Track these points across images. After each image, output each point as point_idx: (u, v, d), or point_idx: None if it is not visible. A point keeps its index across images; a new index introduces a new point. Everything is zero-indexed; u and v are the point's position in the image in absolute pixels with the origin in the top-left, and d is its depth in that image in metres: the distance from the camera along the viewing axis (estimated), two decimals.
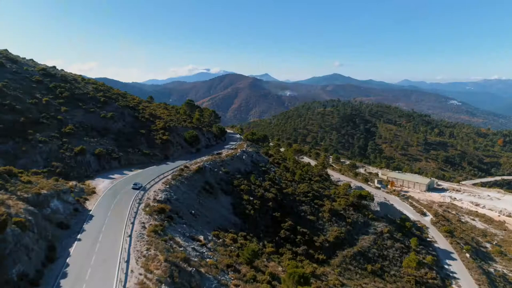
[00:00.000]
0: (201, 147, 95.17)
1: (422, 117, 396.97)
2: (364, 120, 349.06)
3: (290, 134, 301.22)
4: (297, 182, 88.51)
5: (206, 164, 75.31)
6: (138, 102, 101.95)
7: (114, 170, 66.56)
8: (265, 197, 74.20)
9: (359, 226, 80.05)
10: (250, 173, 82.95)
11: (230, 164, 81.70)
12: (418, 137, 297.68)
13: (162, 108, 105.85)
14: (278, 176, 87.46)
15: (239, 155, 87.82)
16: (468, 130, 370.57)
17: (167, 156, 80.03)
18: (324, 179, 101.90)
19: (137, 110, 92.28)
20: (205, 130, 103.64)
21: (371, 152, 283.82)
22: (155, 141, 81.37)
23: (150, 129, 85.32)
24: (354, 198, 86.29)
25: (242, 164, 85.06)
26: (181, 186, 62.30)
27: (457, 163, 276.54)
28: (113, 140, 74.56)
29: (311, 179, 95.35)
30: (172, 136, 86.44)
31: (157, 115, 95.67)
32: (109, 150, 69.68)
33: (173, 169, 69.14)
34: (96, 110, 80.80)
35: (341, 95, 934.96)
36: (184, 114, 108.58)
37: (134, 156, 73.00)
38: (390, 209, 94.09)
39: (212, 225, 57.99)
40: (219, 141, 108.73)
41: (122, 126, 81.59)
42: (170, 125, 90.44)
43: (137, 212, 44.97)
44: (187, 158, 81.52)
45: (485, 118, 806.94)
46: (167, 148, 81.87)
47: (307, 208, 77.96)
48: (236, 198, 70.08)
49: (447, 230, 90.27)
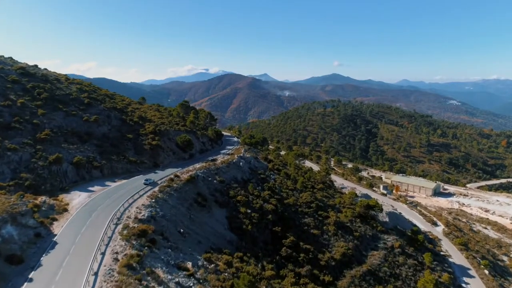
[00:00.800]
0: (195, 152, 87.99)
1: (424, 117, 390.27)
2: (365, 121, 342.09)
3: (289, 135, 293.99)
4: (299, 191, 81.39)
5: (199, 172, 68.15)
6: (127, 103, 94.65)
7: (94, 181, 59.29)
8: (264, 209, 67.08)
9: (368, 240, 72.97)
10: (247, 181, 75.83)
11: (225, 172, 74.56)
12: (421, 139, 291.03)
13: (153, 110, 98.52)
14: (278, 184, 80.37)
15: (236, 161, 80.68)
16: (470, 131, 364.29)
17: (157, 163, 72.79)
18: (327, 186, 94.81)
19: (125, 113, 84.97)
20: (200, 133, 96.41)
21: (372, 154, 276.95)
22: (143, 146, 74.09)
23: (139, 134, 78.08)
24: (361, 208, 79.22)
25: (239, 172, 77.90)
26: (170, 200, 55.14)
27: (461, 165, 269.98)
28: (96, 146, 67.23)
29: (314, 187, 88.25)
30: (163, 141, 79.21)
31: (147, 117, 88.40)
32: (90, 158, 62.39)
33: (161, 179, 62.09)
34: (79, 112, 73.40)
35: (340, 95, 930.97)
36: (178, 117, 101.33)
37: (118, 164, 65.69)
38: (400, 219, 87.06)
39: (204, 245, 50.88)
40: (215, 145, 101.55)
41: (107, 131, 74.28)
42: (161, 128, 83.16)
43: (111, 237, 37.78)
44: (178, 166, 74.38)
45: (484, 118, 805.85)
46: (157, 155, 74.64)
47: (311, 220, 70.86)
48: (232, 211, 62.94)
49: (461, 242, 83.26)
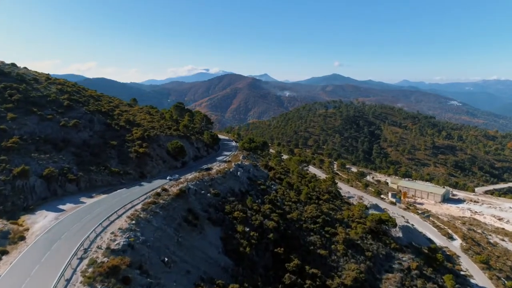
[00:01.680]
0: (188, 159, 79.88)
1: (428, 119, 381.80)
2: (368, 122, 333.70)
3: (290, 137, 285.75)
4: (303, 203, 73.30)
5: (191, 184, 60.00)
6: (115, 105, 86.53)
7: (68, 197, 51.18)
8: (264, 227, 59.02)
9: (381, 260, 64.85)
10: (246, 193, 67.72)
11: (221, 183, 66.41)
12: (426, 141, 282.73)
13: (144, 113, 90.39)
14: (280, 196, 72.24)
15: (233, 170, 72.53)
16: (475, 133, 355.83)
17: (143, 174, 64.63)
18: (334, 196, 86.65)
19: (110, 116, 76.82)
20: (194, 138, 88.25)
21: (376, 156, 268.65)
22: (129, 155, 65.94)
23: (125, 140, 69.90)
24: (372, 223, 71.18)
25: (237, 183, 69.75)
26: (154, 220, 46.93)
27: (467, 168, 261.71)
28: (73, 155, 59.07)
29: (319, 198, 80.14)
30: (152, 148, 71.05)
31: (135, 121, 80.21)
32: (65, 169, 54.25)
33: (146, 194, 53.88)
34: (56, 116, 65.21)
35: (340, 95, 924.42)
36: (171, 120, 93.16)
37: (98, 176, 57.50)
38: (414, 234, 78.93)
39: (193, 275, 42.70)
40: (211, 151, 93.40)
41: (88, 137, 66.11)
42: (150, 134, 75.00)
43: (70, 280, 29.66)
44: (168, 176, 66.32)
45: (485, 119, 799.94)
46: (144, 164, 66.48)
47: (317, 238, 62.75)
48: (228, 230, 54.79)
49: (483, 260, 75.16)
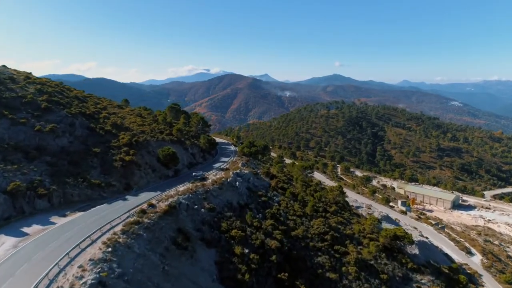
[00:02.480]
0: (182, 167, 72.39)
1: (432, 120, 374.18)
2: (371, 124, 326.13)
3: (292, 139, 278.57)
4: (309, 217, 65.82)
5: (182, 198, 52.53)
6: (102, 107, 79.09)
7: (36, 216, 43.77)
8: (266, 247, 51.62)
9: (397, 284, 57.38)
10: (245, 207, 60.27)
11: (217, 195, 58.94)
12: (431, 143, 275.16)
13: (134, 115, 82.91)
14: (283, 209, 64.73)
15: (231, 180, 64.98)
16: (480, 134, 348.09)
17: (129, 185, 57.11)
18: (342, 207, 79.16)
19: (96, 119, 69.34)
20: (189, 143, 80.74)
21: (380, 159, 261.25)
22: (113, 163, 58.48)
23: (110, 146, 62.44)
24: (386, 239, 63.74)
25: (235, 194, 62.27)
26: (136, 245, 39.48)
27: (474, 171, 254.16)
28: (47, 165, 51.66)
29: (327, 210, 72.64)
30: (140, 155, 63.53)
31: (124, 125, 72.69)
32: (35, 182, 46.84)
33: (130, 211, 46.44)
34: (31, 120, 57.79)
35: (341, 95, 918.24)
36: (164, 123, 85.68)
37: (75, 190, 50.02)
38: (431, 251, 71.40)
39: None
40: (207, 157, 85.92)
41: (68, 143, 58.65)
42: (139, 139, 67.47)
43: None
44: (158, 187, 58.83)
45: (487, 120, 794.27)
46: (130, 174, 58.96)
47: (325, 259, 55.28)
48: (224, 252, 47.38)
49: (508, 280, 67.69)
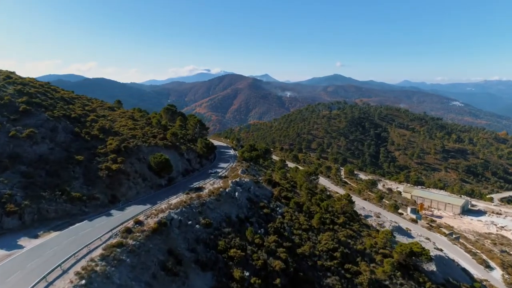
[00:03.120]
0: (177, 174, 66.31)
1: (435, 120, 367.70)
2: (374, 124, 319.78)
3: (293, 140, 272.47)
4: (316, 231, 59.71)
5: (174, 213, 46.49)
6: (90, 109, 73.05)
7: (3, 237, 37.51)
8: (269, 269, 45.53)
9: None
10: (245, 221, 54.24)
11: (214, 208, 52.88)
12: (435, 144, 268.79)
13: (126, 118, 76.86)
14: (287, 222, 58.61)
15: (230, 190, 58.92)
16: (485, 135, 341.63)
17: (116, 197, 51.05)
18: (350, 217, 73.03)
19: (82, 123, 63.28)
20: (185, 148, 74.64)
21: (383, 160, 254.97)
22: (98, 173, 52.44)
23: (96, 153, 56.41)
24: (401, 255, 57.65)
25: (234, 207, 56.21)
26: (117, 274, 33.41)
27: (480, 174, 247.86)
28: (21, 176, 45.62)
29: (334, 221, 66.53)
30: (129, 163, 57.46)
31: (113, 129, 66.59)
32: (5, 197, 40.81)
33: (113, 230, 40.43)
34: (5, 125, 51.79)
35: (342, 95, 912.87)
36: (158, 126, 79.60)
37: (51, 205, 43.88)
38: (449, 266, 65.29)
39: None
40: (205, 163, 79.87)
41: (48, 151, 52.61)
42: (129, 144, 61.38)
43: None
44: (148, 199, 52.84)
45: (488, 120, 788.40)
46: (117, 184, 52.87)
47: (336, 281, 49.16)
48: (221, 276, 41.34)
49: None
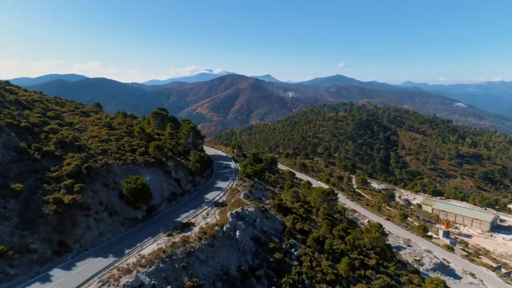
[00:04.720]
0: (160, 201, 50.85)
1: (446, 123, 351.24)
2: (383, 127, 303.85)
3: (298, 143, 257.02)
4: (344, 282, 44.23)
5: (145, 274, 31.25)
6: (54, 115, 57.67)
7: None
8: None
9: None
10: (249, 274, 38.85)
11: (206, 258, 37.46)
12: (449, 148, 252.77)
13: (100, 126, 61.50)
14: (307, 272, 43.10)
15: (228, 228, 43.25)
16: (498, 139, 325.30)
17: (66, 245, 35.60)
18: (383, 254, 57.36)
19: (34, 134, 47.99)
20: (172, 165, 59.07)
21: (394, 166, 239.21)
22: (42, 209, 37.09)
23: (44, 178, 41.06)
24: None
25: (234, 253, 40.72)
26: None
27: (498, 181, 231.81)
28: None
29: (365, 263, 51.02)
30: (90, 192, 42.02)
31: (78, 141, 51.16)
32: None
33: None
34: None
35: (344, 96, 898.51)
36: (141, 135, 63.98)
37: None
38: None
39: None
40: (198, 182, 64.32)
41: None
42: (95, 163, 46.01)
43: None
44: (114, 245, 37.50)
45: (492, 121, 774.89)
46: (70, 225, 37.46)
47: None
48: None
49: None
